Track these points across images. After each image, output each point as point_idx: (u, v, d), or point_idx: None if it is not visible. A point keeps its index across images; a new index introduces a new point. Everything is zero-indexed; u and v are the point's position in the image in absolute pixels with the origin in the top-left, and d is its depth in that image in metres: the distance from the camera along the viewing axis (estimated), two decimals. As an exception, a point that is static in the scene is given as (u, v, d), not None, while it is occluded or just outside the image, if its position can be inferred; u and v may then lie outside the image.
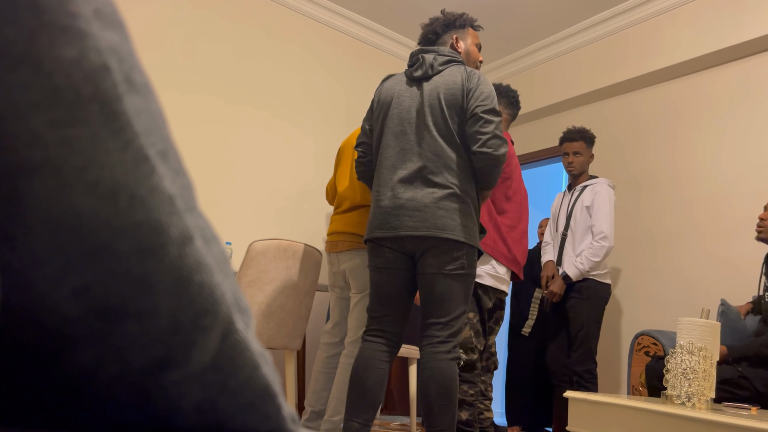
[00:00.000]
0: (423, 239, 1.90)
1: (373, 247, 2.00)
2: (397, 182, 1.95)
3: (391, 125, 2.02)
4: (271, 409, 0.29)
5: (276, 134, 3.78)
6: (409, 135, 1.97)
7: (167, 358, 0.25)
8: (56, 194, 0.22)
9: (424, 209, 1.90)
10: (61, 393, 0.26)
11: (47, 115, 0.21)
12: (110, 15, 0.24)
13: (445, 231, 1.90)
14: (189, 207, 0.26)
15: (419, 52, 2.07)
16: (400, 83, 2.07)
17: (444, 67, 2.02)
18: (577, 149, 3.22)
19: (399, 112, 2.01)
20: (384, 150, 2.03)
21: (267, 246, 2.64)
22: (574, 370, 3.03)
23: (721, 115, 3.35)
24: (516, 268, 2.57)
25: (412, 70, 2.05)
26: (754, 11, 3.17)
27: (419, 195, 1.91)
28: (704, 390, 1.78)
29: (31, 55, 0.21)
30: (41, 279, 0.23)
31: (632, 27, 3.77)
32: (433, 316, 1.93)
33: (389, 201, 1.95)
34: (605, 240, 3.05)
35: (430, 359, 1.89)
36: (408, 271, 1.98)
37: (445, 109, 1.95)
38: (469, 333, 2.55)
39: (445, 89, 1.97)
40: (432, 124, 1.96)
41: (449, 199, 1.92)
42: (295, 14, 3.96)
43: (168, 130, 0.26)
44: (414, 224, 1.89)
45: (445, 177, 1.93)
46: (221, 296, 0.26)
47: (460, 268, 1.92)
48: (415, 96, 2.01)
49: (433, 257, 1.90)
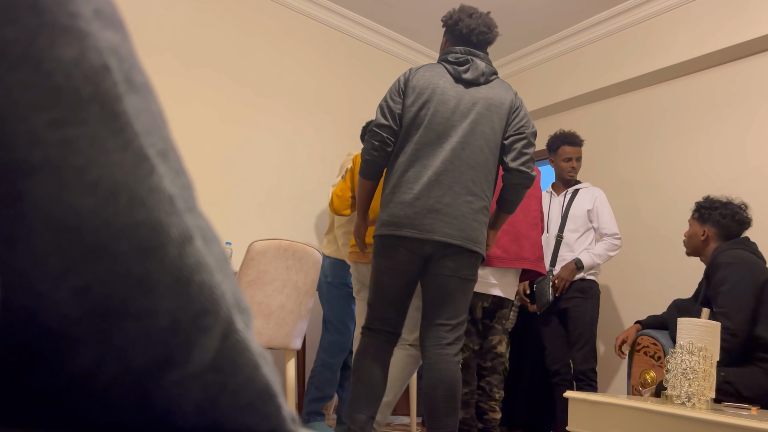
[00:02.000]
0: (450, 246, 1.87)
1: (388, 245, 1.92)
2: (432, 182, 1.88)
3: (433, 120, 1.92)
4: (271, 409, 0.29)
5: (276, 134, 3.78)
6: (452, 136, 1.91)
7: (167, 358, 0.25)
8: (56, 194, 0.22)
9: (462, 218, 1.87)
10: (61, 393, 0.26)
11: (47, 115, 0.21)
12: (110, 15, 0.24)
13: (476, 244, 1.90)
14: (189, 207, 0.26)
15: (468, 53, 2.00)
16: (442, 78, 1.97)
17: (492, 78, 2.01)
18: (580, 154, 3.23)
19: (443, 110, 1.93)
20: (416, 143, 1.93)
21: (267, 246, 2.64)
22: (579, 370, 3.03)
23: (721, 115, 3.35)
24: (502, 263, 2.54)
25: (462, 71, 1.97)
26: (754, 11, 3.17)
27: (458, 201, 1.87)
28: (704, 390, 1.78)
29: (31, 55, 0.21)
30: (41, 279, 0.23)
31: (632, 27, 3.78)
32: (443, 317, 1.91)
33: (421, 200, 1.87)
34: (619, 240, 3.11)
35: (438, 360, 1.88)
36: (416, 273, 1.96)
37: (495, 121, 1.94)
38: None
39: (499, 102, 1.96)
40: (480, 132, 1.92)
41: (483, 212, 1.92)
42: (297, 15, 3.96)
43: (168, 130, 0.26)
44: (450, 231, 1.86)
45: (483, 188, 1.92)
46: (221, 296, 0.26)
47: (472, 275, 1.94)
48: (463, 98, 1.94)
49: (453, 261, 1.89)
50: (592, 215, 3.17)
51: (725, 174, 3.28)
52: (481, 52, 2.04)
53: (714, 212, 2.58)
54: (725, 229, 2.56)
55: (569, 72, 4.12)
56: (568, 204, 3.23)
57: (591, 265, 3.08)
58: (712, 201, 2.62)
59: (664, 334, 2.81)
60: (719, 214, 2.57)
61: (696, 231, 2.64)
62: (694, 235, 2.65)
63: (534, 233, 2.61)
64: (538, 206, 2.68)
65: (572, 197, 3.24)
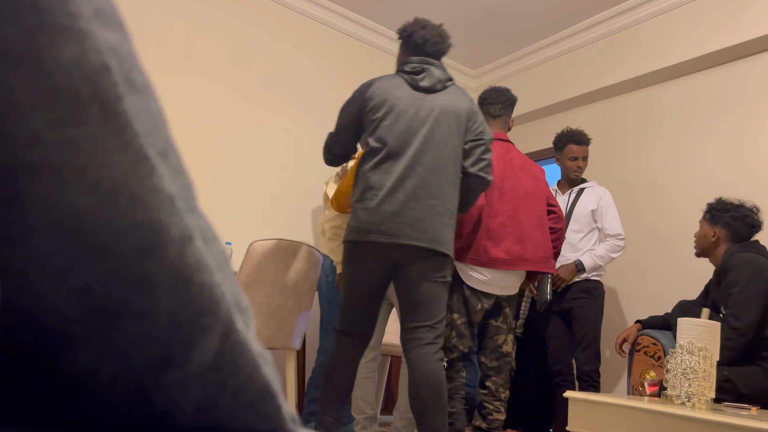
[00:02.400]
0: (417, 249, 1.92)
1: (357, 251, 1.98)
2: (395, 187, 1.93)
3: (393, 129, 1.98)
4: (271, 409, 0.29)
5: (277, 134, 3.78)
6: (413, 143, 1.97)
7: (167, 358, 0.25)
8: (56, 194, 0.22)
9: (426, 221, 1.92)
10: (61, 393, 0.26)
11: (47, 115, 0.21)
12: (110, 15, 0.24)
13: (442, 245, 1.95)
14: (189, 207, 0.26)
15: (424, 62, 2.07)
16: (399, 88, 2.04)
17: (449, 85, 2.08)
18: (586, 153, 3.21)
19: (402, 118, 1.99)
20: (380, 152, 1.99)
21: (267, 246, 2.64)
22: (583, 370, 3.03)
23: (720, 115, 3.35)
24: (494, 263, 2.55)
25: (419, 79, 2.04)
26: (754, 11, 3.17)
27: (422, 206, 1.93)
28: (704, 390, 1.78)
29: (31, 55, 0.21)
30: (41, 279, 0.23)
31: (632, 27, 3.78)
32: (419, 319, 1.96)
33: (385, 206, 1.93)
34: (622, 242, 3.10)
35: (419, 360, 1.92)
36: (385, 278, 2.01)
37: (453, 126, 2.01)
38: (449, 333, 2.57)
39: (455, 108, 2.03)
40: (439, 137, 1.98)
41: (447, 214, 1.98)
42: (297, 15, 3.96)
43: (168, 130, 0.26)
44: (415, 234, 1.91)
45: (445, 192, 1.98)
46: (221, 296, 0.26)
47: (443, 277, 1.99)
48: (421, 105, 2.01)
49: (421, 265, 1.94)
50: (596, 215, 3.16)
51: (723, 175, 3.28)
52: (437, 61, 2.12)
53: (725, 214, 2.59)
54: (735, 231, 2.57)
55: (568, 72, 4.12)
56: (573, 203, 3.22)
57: (593, 267, 3.07)
58: (724, 203, 2.62)
59: (665, 334, 2.81)
60: (730, 216, 2.58)
61: (706, 232, 2.65)
62: (704, 236, 2.65)
63: (538, 233, 2.59)
64: (541, 206, 2.65)
65: (577, 196, 3.23)
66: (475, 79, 4.86)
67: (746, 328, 2.32)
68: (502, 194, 2.57)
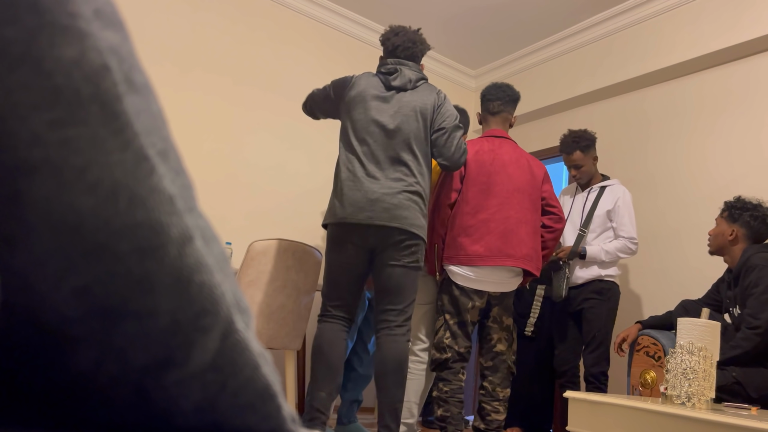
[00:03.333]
0: (389, 231, 2.14)
1: (336, 241, 2.22)
2: (365, 177, 2.18)
3: (362, 124, 2.24)
4: (271, 409, 0.29)
5: (277, 134, 3.78)
6: (380, 136, 2.22)
7: (167, 358, 0.25)
8: (56, 194, 0.22)
9: (396, 208, 2.15)
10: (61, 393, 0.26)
11: (47, 115, 0.21)
12: (110, 15, 0.24)
13: (413, 226, 2.17)
14: (189, 207, 0.26)
15: (397, 63, 2.34)
16: (375, 87, 2.31)
17: (419, 84, 2.34)
18: (576, 161, 3.16)
19: (373, 114, 2.25)
20: (351, 145, 2.25)
21: (267, 246, 2.64)
22: (590, 372, 3.00)
23: (721, 115, 3.35)
24: None
25: (391, 79, 2.30)
26: (754, 11, 3.17)
27: (390, 192, 2.17)
28: (704, 390, 1.78)
29: (31, 55, 0.21)
30: (41, 279, 0.23)
31: (632, 27, 3.78)
32: (391, 304, 2.19)
33: (359, 193, 2.16)
34: (635, 246, 3.08)
35: (387, 341, 2.16)
36: (364, 265, 2.23)
37: (420, 120, 2.26)
38: (443, 333, 2.57)
39: (422, 104, 2.28)
40: (405, 131, 2.23)
41: (413, 200, 2.20)
42: (297, 15, 3.96)
43: (168, 130, 0.26)
44: (386, 216, 2.13)
45: (411, 181, 2.21)
46: (221, 296, 0.26)
47: (414, 262, 2.20)
48: (391, 102, 2.27)
49: (395, 252, 2.15)
50: (612, 215, 3.12)
51: (726, 173, 3.28)
52: (411, 62, 2.38)
53: (745, 213, 2.58)
54: (755, 231, 2.56)
55: (569, 72, 4.12)
56: (594, 202, 3.18)
57: (594, 257, 3.03)
58: (744, 202, 2.62)
59: (665, 334, 2.81)
60: (750, 215, 2.57)
61: (724, 230, 2.63)
62: (721, 234, 2.63)
63: (523, 230, 2.54)
64: (532, 203, 2.61)
65: (598, 195, 3.17)
66: (475, 79, 4.86)
67: (765, 327, 2.30)
68: (487, 190, 2.55)
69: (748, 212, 2.58)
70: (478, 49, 4.47)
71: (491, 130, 2.71)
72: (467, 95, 4.87)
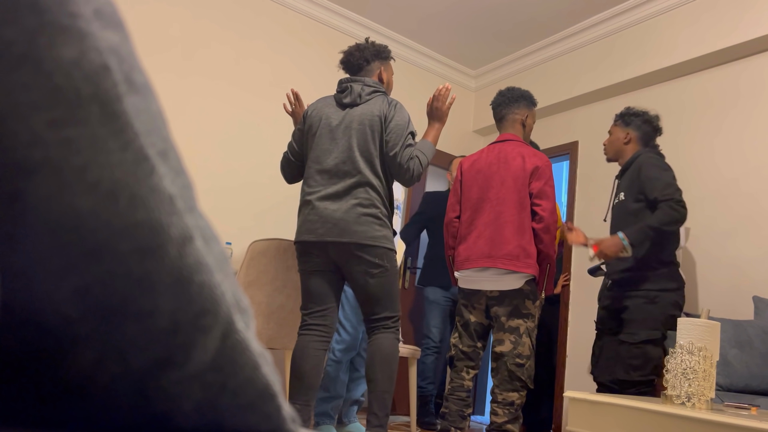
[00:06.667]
0: (345, 245, 2.16)
1: (302, 251, 2.25)
2: (322, 196, 2.22)
3: (319, 143, 2.29)
4: (271, 409, 0.29)
5: (277, 134, 3.78)
6: (334, 152, 2.26)
7: (167, 358, 0.25)
8: (56, 194, 0.22)
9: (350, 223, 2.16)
10: (61, 393, 0.26)
11: (47, 115, 0.21)
12: (110, 15, 0.24)
13: (368, 238, 2.18)
14: (189, 207, 0.26)
15: (348, 81, 2.36)
16: (329, 106, 2.35)
17: (370, 97, 2.33)
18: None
19: (328, 132, 2.29)
20: (311, 164, 2.29)
21: (267, 246, 2.64)
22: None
23: (721, 115, 3.35)
24: None
25: (342, 97, 2.34)
26: (754, 11, 3.17)
27: (343, 207, 2.19)
28: (704, 390, 1.78)
29: (31, 55, 0.21)
30: (41, 279, 0.23)
31: (632, 27, 3.78)
32: (374, 312, 2.22)
33: (317, 212, 2.21)
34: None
35: (379, 338, 2.22)
36: (334, 272, 2.26)
37: (369, 133, 2.26)
38: (453, 333, 2.73)
39: (371, 116, 2.28)
40: (357, 145, 2.25)
41: (367, 214, 2.21)
42: (297, 15, 3.96)
43: (168, 130, 0.26)
44: (338, 232, 2.15)
45: (364, 195, 2.21)
46: (221, 296, 0.26)
47: (381, 266, 2.20)
48: (343, 119, 2.30)
49: (358, 264, 2.17)
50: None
51: (725, 173, 3.28)
52: (363, 71, 2.40)
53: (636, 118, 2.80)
54: (645, 133, 2.79)
55: (569, 72, 4.12)
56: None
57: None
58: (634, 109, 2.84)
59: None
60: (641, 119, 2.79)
61: (619, 136, 2.83)
62: (617, 140, 2.83)
63: (507, 231, 2.54)
64: (515, 202, 2.56)
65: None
66: (475, 79, 4.86)
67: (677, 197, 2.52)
68: (481, 197, 2.64)
69: (639, 117, 2.79)
70: (478, 49, 4.47)
71: (498, 136, 2.77)
72: (467, 95, 4.87)
